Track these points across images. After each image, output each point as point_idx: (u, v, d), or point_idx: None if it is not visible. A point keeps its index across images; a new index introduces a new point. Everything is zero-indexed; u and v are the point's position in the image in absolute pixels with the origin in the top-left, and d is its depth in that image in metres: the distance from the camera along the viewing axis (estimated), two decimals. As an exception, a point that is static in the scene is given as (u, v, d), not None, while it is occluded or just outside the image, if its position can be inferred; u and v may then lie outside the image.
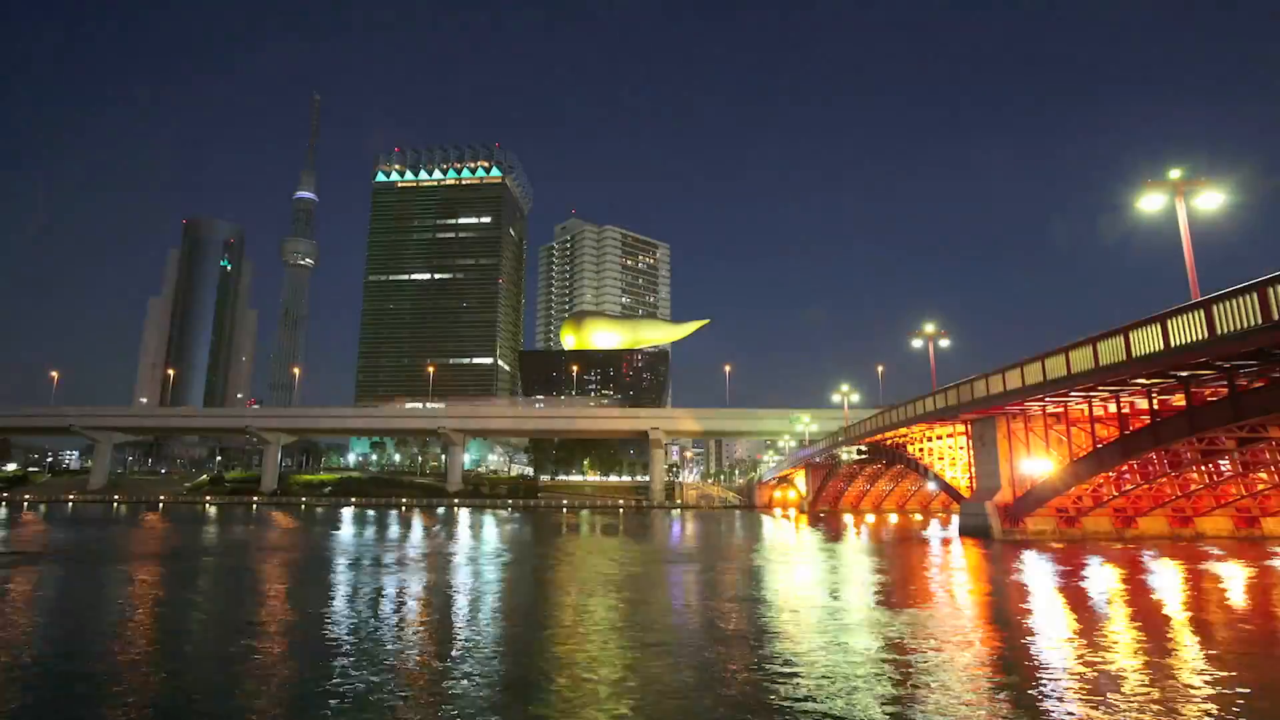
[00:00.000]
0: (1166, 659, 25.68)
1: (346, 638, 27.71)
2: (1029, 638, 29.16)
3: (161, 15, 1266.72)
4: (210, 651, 26.81)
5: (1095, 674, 23.17)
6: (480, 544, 75.58)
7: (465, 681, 21.94)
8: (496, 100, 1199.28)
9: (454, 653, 25.56)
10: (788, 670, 23.29)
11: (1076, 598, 40.15)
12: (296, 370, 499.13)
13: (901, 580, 47.88)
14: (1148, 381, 62.07)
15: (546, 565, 56.38)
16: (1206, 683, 22.35)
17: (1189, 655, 26.40)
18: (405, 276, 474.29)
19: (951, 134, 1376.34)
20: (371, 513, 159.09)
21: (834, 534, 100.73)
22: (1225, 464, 74.16)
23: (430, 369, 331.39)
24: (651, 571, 54.82)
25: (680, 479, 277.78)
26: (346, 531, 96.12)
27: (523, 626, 31.03)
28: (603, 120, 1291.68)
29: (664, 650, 26.40)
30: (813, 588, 44.18)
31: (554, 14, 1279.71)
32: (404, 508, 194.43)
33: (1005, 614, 35.17)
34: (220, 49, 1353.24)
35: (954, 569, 57.33)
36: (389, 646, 26.64)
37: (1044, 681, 22.45)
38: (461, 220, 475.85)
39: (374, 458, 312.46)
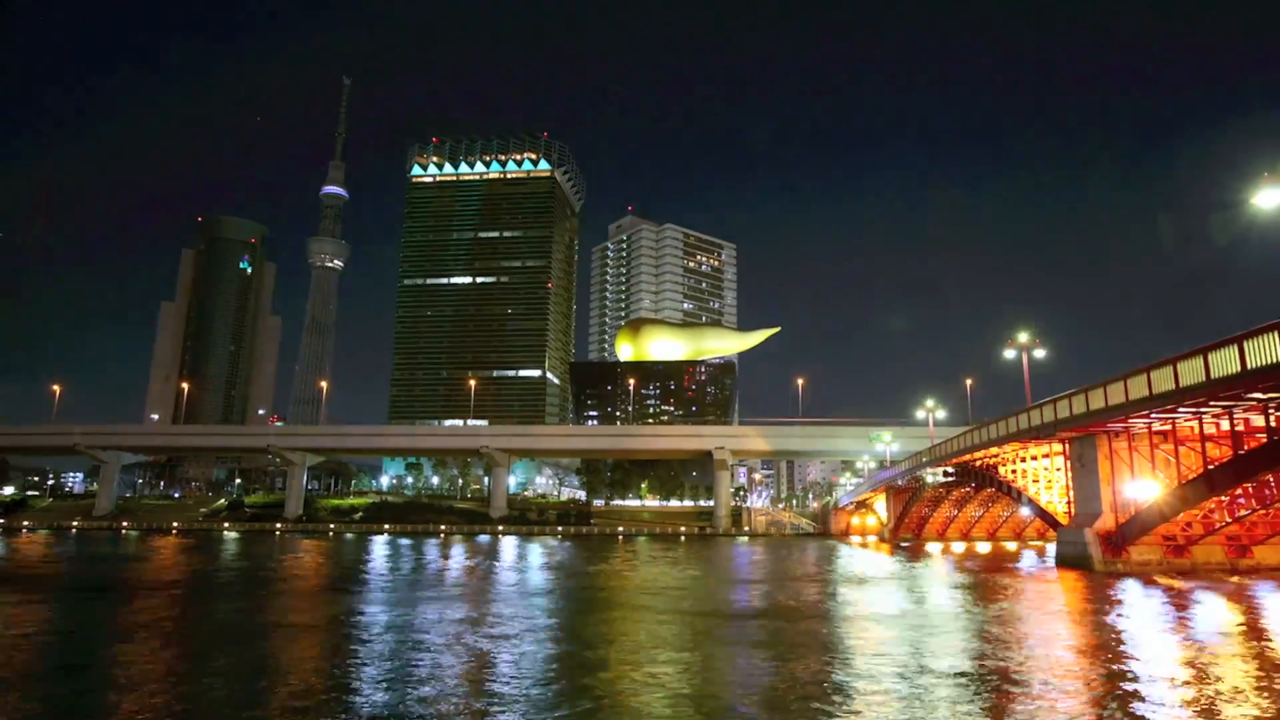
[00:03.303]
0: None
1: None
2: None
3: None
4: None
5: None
6: (526, 595, 76.62)
7: None
8: (544, 86, 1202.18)
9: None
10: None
11: (1199, 648, 39.47)
12: (324, 384, 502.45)
13: (996, 636, 44.14)
14: (1264, 396, 62.32)
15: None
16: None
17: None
18: (444, 280, 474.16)
19: (1046, 129, 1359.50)
20: (406, 542, 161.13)
21: (917, 566, 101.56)
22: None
23: (472, 383, 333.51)
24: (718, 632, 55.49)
25: (748, 504, 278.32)
26: (377, 565, 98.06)
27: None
28: (662, 108, 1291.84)
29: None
30: (896, 646, 40.49)
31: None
32: (443, 535, 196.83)
33: (1122, 678, 32.05)
34: (238, 29, 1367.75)
35: (1053, 610, 57.37)
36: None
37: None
38: (506, 218, 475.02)
39: (410, 480, 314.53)
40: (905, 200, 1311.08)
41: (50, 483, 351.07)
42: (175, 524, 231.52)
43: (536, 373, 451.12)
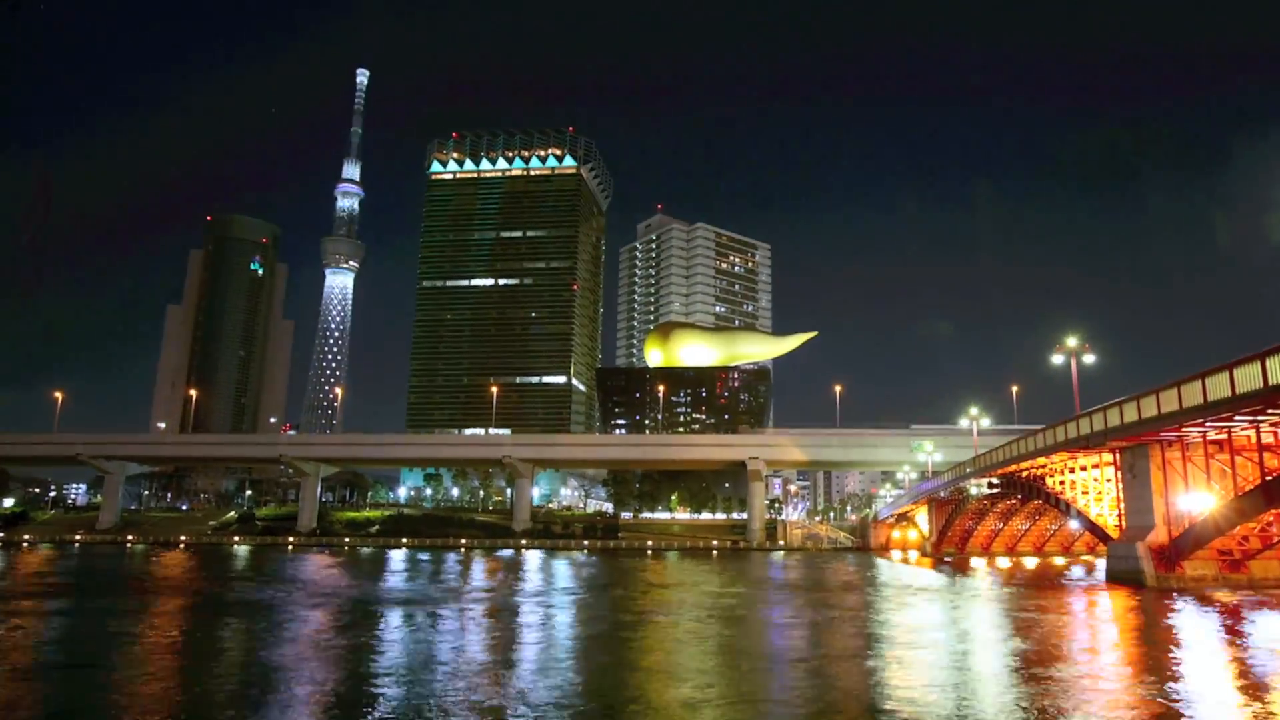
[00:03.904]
0: None
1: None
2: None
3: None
4: None
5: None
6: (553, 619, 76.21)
7: None
8: (569, 79, 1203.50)
9: None
10: None
11: (1258, 669, 39.45)
12: (339, 391, 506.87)
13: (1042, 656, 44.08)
14: (1323, 404, 62.42)
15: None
16: None
17: None
18: (464, 282, 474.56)
19: (1093, 128, 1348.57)
20: (425, 556, 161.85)
21: (960, 582, 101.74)
22: None
23: (493, 390, 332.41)
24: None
25: (783, 516, 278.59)
26: (393, 583, 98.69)
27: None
28: (692, 103, 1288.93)
29: None
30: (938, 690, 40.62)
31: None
32: (463, 550, 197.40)
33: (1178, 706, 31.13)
34: (249, 19, 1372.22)
35: (1105, 631, 57.41)
36: None
37: None
38: (530, 217, 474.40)
39: (428, 492, 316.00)
40: (948, 199, 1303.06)
41: (52, 495, 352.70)
42: (183, 537, 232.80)
43: (561, 379, 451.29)
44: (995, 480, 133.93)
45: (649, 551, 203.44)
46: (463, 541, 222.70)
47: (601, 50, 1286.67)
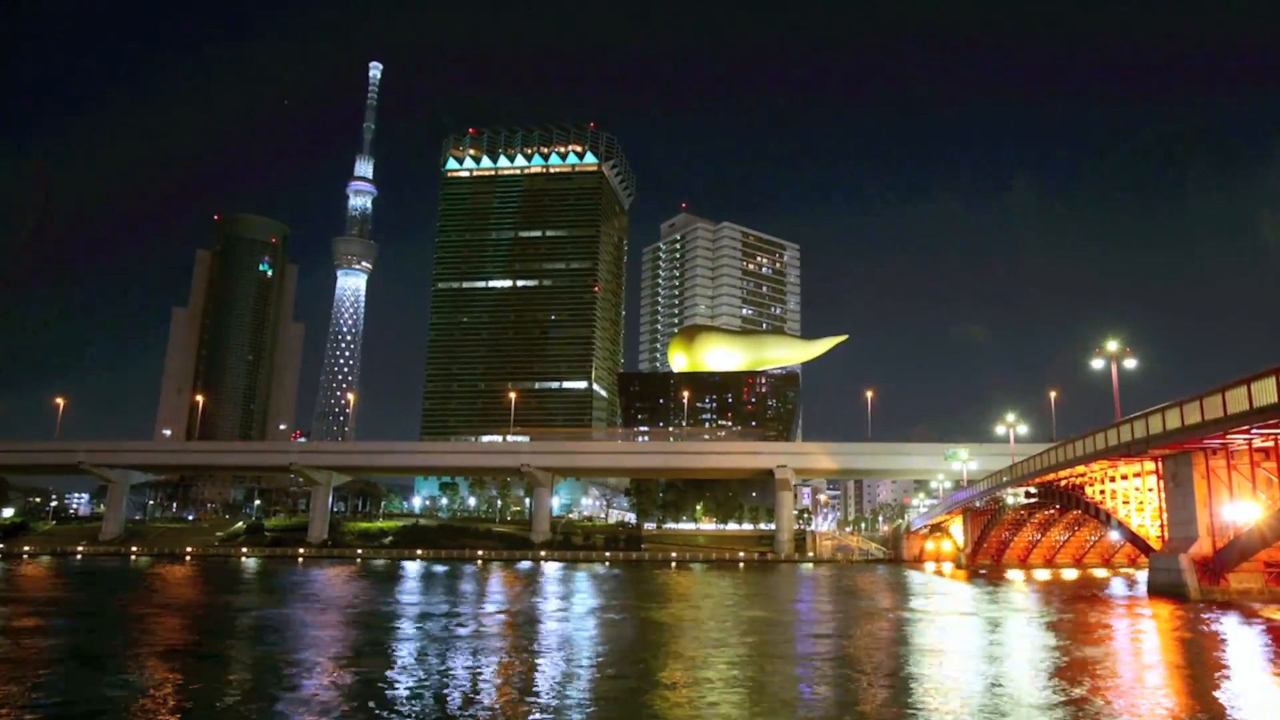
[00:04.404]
0: None
1: None
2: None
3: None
4: None
5: None
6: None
7: None
8: (590, 73, 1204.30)
9: None
10: None
11: None
12: (351, 396, 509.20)
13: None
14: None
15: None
16: None
17: None
18: (481, 284, 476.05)
19: (1133, 125, 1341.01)
20: (440, 569, 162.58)
21: (997, 597, 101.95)
22: None
23: (511, 395, 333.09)
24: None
25: (812, 527, 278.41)
26: (406, 600, 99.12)
27: None
28: (717, 98, 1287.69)
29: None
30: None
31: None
32: (480, 562, 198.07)
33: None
34: (257, 9, 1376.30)
35: (1148, 648, 57.14)
36: None
37: None
38: (549, 216, 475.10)
39: (444, 502, 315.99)
40: (983, 199, 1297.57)
41: (53, 504, 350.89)
42: (189, 549, 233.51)
43: (582, 384, 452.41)
44: (1033, 489, 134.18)
45: (673, 564, 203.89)
46: (479, 553, 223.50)
47: (623, 43, 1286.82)
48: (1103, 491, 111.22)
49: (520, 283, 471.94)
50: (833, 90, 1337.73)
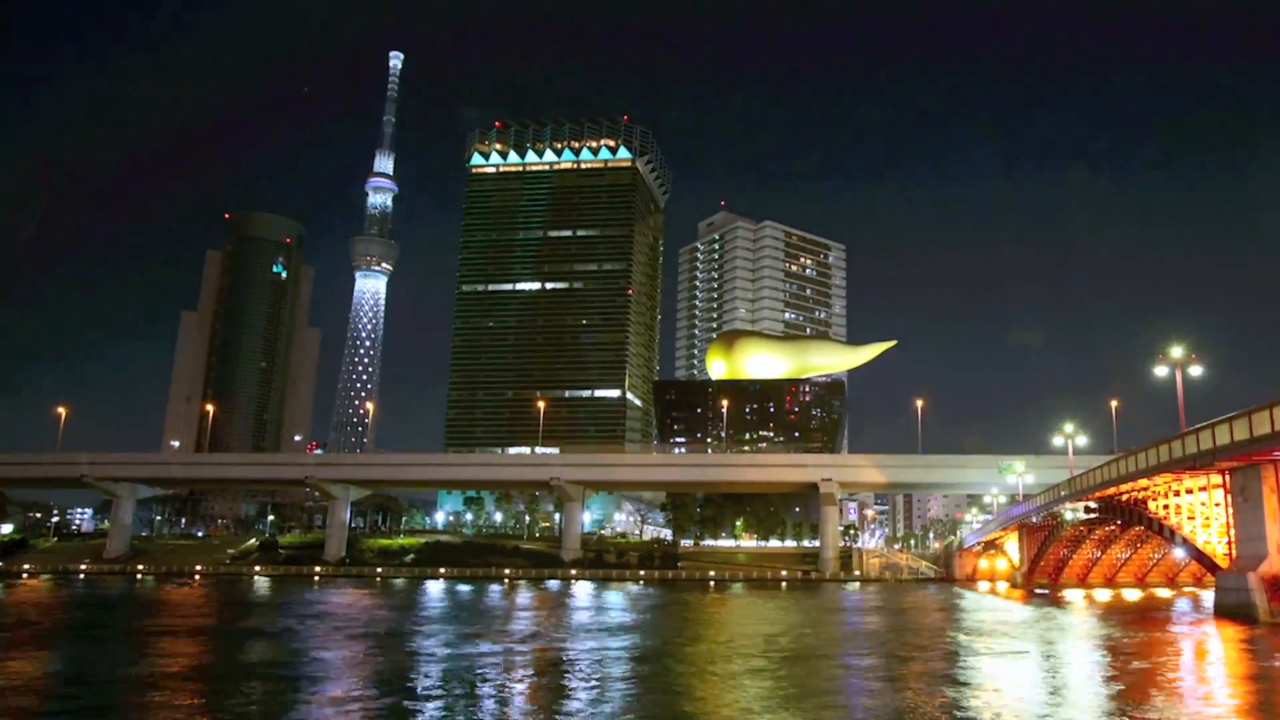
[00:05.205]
0: None
1: None
2: None
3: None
4: None
5: None
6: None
7: None
8: (623, 64, 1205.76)
9: None
10: None
11: None
12: (370, 406, 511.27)
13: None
14: None
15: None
16: None
17: None
18: (508, 286, 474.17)
19: (1204, 110, 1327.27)
20: (465, 588, 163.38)
21: (1057, 620, 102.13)
22: None
23: (540, 405, 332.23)
24: None
25: (859, 544, 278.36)
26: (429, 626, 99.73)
27: None
28: (757, 89, 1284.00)
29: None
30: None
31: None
32: (507, 581, 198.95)
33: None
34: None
35: (1219, 679, 56.46)
36: None
37: None
38: (581, 215, 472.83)
39: (468, 517, 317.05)
40: (1040, 195, 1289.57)
41: (54, 520, 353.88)
42: (198, 567, 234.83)
43: (615, 393, 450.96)
44: (1092, 504, 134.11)
45: (711, 583, 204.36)
46: (506, 572, 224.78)
47: (659, 30, 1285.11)
48: (1166, 506, 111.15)
49: (549, 285, 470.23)
50: (879, 80, 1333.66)
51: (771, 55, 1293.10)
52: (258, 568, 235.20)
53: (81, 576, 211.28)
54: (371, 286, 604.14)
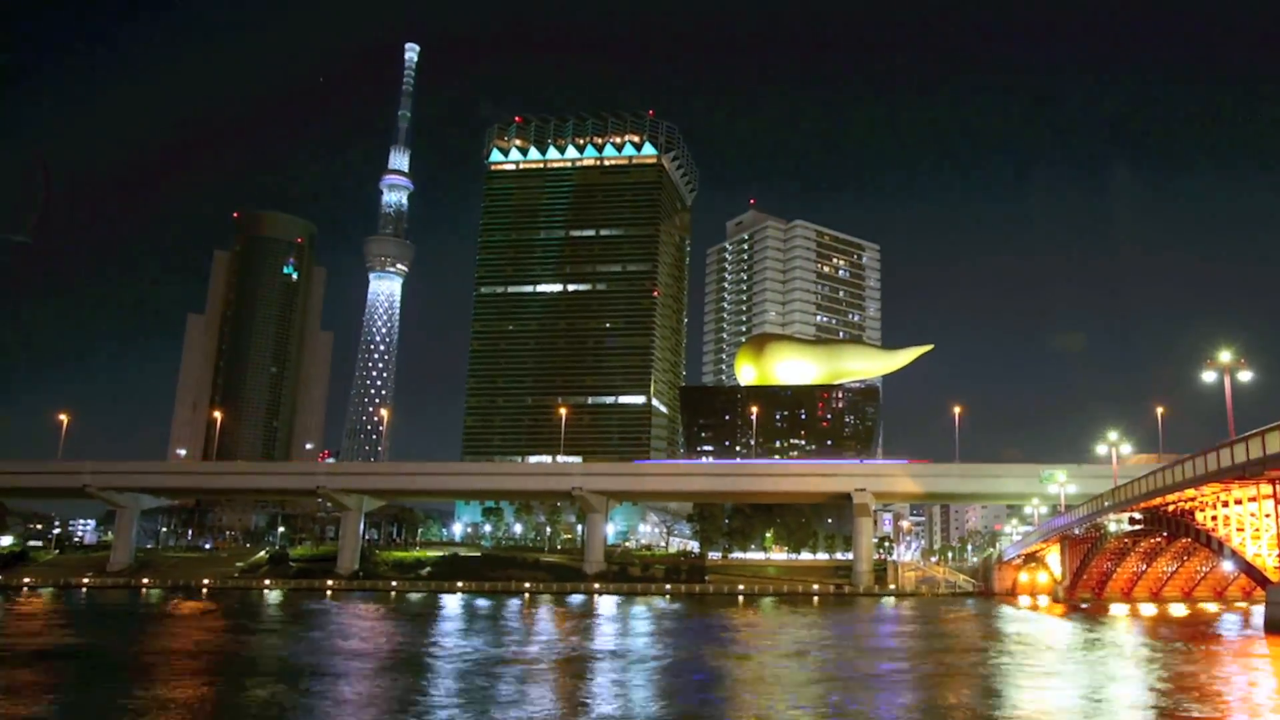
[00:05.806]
0: None
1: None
2: None
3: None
4: None
5: None
6: None
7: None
8: (648, 57, 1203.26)
9: None
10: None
11: None
12: (384, 413, 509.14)
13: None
14: None
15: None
16: None
17: None
18: (529, 288, 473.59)
19: (1249, 108, 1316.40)
20: (484, 603, 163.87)
21: (1103, 637, 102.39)
22: None
23: (562, 411, 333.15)
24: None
25: (894, 556, 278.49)
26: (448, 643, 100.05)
27: None
28: (788, 83, 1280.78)
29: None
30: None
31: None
32: (527, 596, 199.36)
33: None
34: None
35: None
36: None
37: None
38: (604, 213, 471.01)
39: (487, 529, 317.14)
40: (1082, 194, 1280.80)
41: (56, 531, 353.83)
42: (205, 580, 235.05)
43: (640, 399, 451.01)
44: (1137, 515, 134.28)
45: (740, 597, 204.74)
46: (526, 586, 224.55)
47: (685, 22, 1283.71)
48: (1214, 518, 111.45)
49: (571, 287, 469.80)
50: (913, 73, 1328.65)
51: (803, 50, 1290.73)
52: (267, 581, 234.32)
53: (84, 590, 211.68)
54: (386, 288, 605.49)
